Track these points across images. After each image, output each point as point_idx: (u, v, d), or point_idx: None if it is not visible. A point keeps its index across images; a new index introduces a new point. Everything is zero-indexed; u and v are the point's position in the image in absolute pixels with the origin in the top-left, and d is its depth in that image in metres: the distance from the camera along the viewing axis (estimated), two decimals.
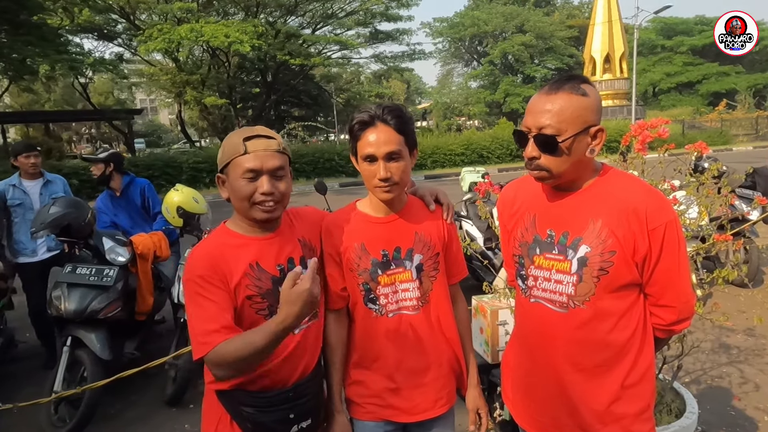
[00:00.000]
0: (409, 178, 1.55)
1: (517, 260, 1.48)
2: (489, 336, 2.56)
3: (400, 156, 1.45)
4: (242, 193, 1.39)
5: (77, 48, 19.21)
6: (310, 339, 1.52)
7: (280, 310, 1.20)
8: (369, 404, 1.58)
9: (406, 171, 1.48)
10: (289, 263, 1.46)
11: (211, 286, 1.34)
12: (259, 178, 1.38)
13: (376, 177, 1.44)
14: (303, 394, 1.48)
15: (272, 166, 1.39)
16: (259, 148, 1.38)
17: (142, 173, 14.77)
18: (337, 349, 1.60)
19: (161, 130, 51.86)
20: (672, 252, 1.29)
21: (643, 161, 2.37)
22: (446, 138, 22.83)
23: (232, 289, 1.37)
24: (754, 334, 4.07)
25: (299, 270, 1.21)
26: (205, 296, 1.33)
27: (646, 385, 1.38)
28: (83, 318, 3.17)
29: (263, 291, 1.41)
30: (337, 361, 1.60)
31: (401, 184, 1.48)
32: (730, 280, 2.42)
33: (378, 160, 1.43)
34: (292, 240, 1.51)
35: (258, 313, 1.41)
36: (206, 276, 1.35)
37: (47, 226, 3.19)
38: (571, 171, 1.32)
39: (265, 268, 1.43)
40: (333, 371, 1.61)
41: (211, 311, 1.31)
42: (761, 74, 38.67)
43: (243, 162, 1.38)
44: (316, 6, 24.30)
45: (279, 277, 1.43)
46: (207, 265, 1.36)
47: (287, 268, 1.45)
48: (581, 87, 1.28)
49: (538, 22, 37.85)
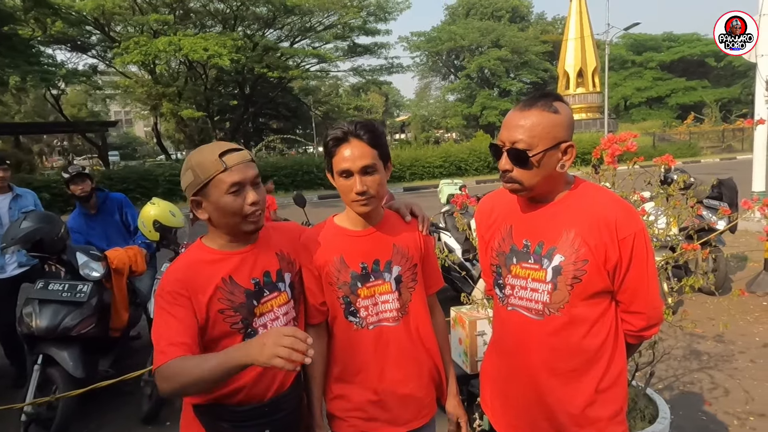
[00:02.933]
0: (386, 190, 1.57)
1: (495, 270, 1.52)
2: (468, 346, 2.59)
3: (375, 169, 1.47)
4: (232, 208, 1.39)
5: (49, 59, 18.86)
6: None
7: (251, 344, 1.16)
8: (352, 418, 1.59)
9: (382, 184, 1.50)
10: (264, 276, 1.47)
11: (177, 304, 1.36)
12: (243, 190, 1.40)
13: (353, 191, 1.46)
14: (279, 409, 1.48)
15: (252, 176, 1.41)
16: (237, 162, 1.39)
17: (117, 186, 14.53)
18: (316, 364, 1.59)
19: (136, 142, 51.09)
20: (641, 260, 1.35)
21: (614, 173, 2.45)
22: (424, 150, 23.06)
23: (204, 304, 1.38)
24: (723, 340, 4.19)
25: (310, 341, 1.11)
26: (171, 313, 1.35)
27: (619, 389, 1.43)
28: (55, 335, 3.09)
29: (235, 304, 1.42)
30: (317, 376, 1.60)
31: (378, 197, 1.50)
32: (698, 287, 2.50)
33: (354, 174, 1.45)
34: (269, 253, 1.52)
35: (232, 327, 1.42)
36: (174, 293, 1.37)
37: (18, 241, 3.11)
38: (543, 184, 1.37)
39: (239, 281, 1.43)
40: (313, 386, 1.61)
41: (174, 328, 1.33)
42: (726, 89, 40.17)
43: (226, 178, 1.37)
44: (295, 19, 24.42)
45: (253, 290, 1.44)
46: (177, 282, 1.38)
47: (263, 281, 1.46)
48: (553, 104, 1.33)
49: (513, 38, 38.68)
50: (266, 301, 1.47)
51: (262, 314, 1.46)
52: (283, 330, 1.12)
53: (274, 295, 1.49)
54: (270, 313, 1.48)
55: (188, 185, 1.42)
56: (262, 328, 1.45)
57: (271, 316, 1.48)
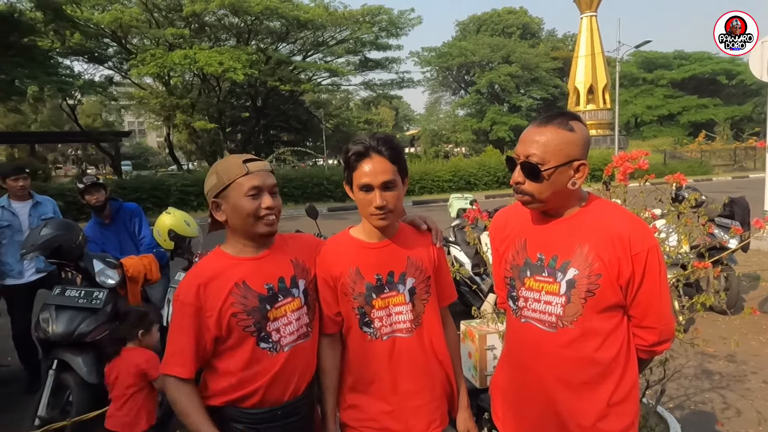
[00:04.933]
0: (402, 205, 1.61)
1: (508, 282, 1.54)
2: (477, 360, 2.60)
3: (395, 185, 1.52)
4: (247, 209, 1.49)
5: (67, 70, 19.24)
6: (301, 358, 1.56)
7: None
8: (365, 428, 1.61)
9: (400, 199, 1.55)
10: (279, 282, 1.54)
11: (187, 314, 1.46)
12: (261, 195, 1.50)
13: (372, 205, 1.49)
14: (293, 414, 1.54)
15: (271, 184, 1.53)
16: (258, 168, 1.52)
17: (130, 195, 14.69)
18: (331, 374, 1.63)
19: (149, 152, 51.69)
20: (653, 276, 1.37)
21: (625, 190, 2.47)
22: (434, 164, 23.09)
23: (217, 310, 1.46)
24: (735, 360, 4.15)
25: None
26: (179, 322, 1.48)
27: (631, 403, 1.44)
28: (71, 341, 3.13)
29: (248, 308, 1.48)
30: (331, 386, 1.64)
31: (395, 212, 1.54)
32: (709, 305, 2.50)
33: (374, 189, 1.49)
34: (285, 260, 1.58)
35: (245, 330, 1.48)
36: (184, 302, 1.47)
37: (38, 247, 3.18)
38: (554, 198, 1.41)
39: (252, 286, 1.50)
40: (327, 395, 1.64)
41: (182, 341, 1.47)
42: (738, 107, 39.96)
43: (246, 182, 1.49)
44: (307, 34, 24.72)
45: (267, 295, 1.51)
46: (190, 292, 1.47)
47: (277, 287, 1.53)
48: (569, 123, 1.37)
49: (524, 54, 38.85)
50: (280, 306, 1.53)
51: (276, 319, 1.52)
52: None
53: (288, 300, 1.55)
54: (283, 318, 1.53)
55: (211, 188, 1.54)
56: (275, 332, 1.51)
57: (285, 321, 1.53)
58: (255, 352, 1.49)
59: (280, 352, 1.51)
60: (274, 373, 1.49)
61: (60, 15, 14.92)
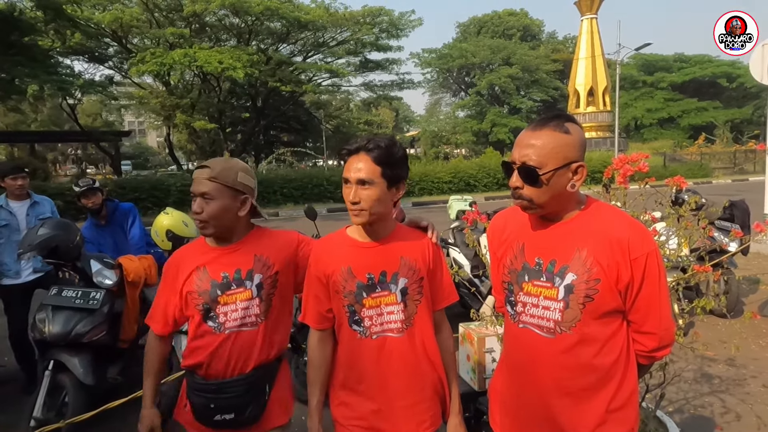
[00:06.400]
0: (386, 209, 1.59)
1: (506, 287, 1.52)
2: (476, 363, 2.59)
3: (371, 185, 1.53)
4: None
5: (67, 69, 19.25)
6: (242, 343, 1.71)
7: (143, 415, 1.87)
8: (353, 426, 1.62)
9: (380, 200, 1.54)
10: (235, 273, 1.72)
11: (165, 280, 1.79)
12: (195, 199, 1.71)
13: (348, 199, 1.56)
14: (225, 391, 1.70)
15: (199, 191, 1.69)
16: (196, 175, 1.71)
17: (129, 195, 14.70)
18: (318, 369, 1.67)
19: (149, 152, 51.73)
20: (653, 281, 1.35)
21: (625, 193, 2.46)
22: (434, 166, 23.10)
23: (181, 283, 1.73)
24: (735, 364, 4.14)
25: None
26: (162, 286, 1.80)
27: (630, 409, 1.42)
28: (67, 341, 3.12)
29: (201, 290, 1.71)
30: (318, 381, 1.67)
31: (370, 212, 1.54)
32: (709, 309, 2.48)
33: (351, 184, 1.54)
34: (248, 255, 1.74)
35: (195, 307, 1.72)
36: (166, 269, 1.80)
37: (35, 247, 3.16)
38: (553, 202, 1.39)
39: (209, 272, 1.72)
40: (313, 389, 1.67)
41: (161, 302, 1.80)
42: (738, 110, 39.99)
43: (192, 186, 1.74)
44: (308, 35, 24.74)
45: (220, 282, 1.72)
46: (172, 263, 1.80)
47: (232, 277, 1.72)
48: (565, 125, 1.35)
49: (524, 56, 38.88)
50: (231, 294, 1.71)
51: (225, 304, 1.71)
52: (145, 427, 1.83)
53: (239, 290, 1.72)
54: (232, 305, 1.71)
55: None
56: (222, 315, 1.71)
57: (233, 308, 1.71)
58: (200, 327, 1.72)
59: (222, 333, 1.70)
60: (213, 349, 1.69)
61: (60, 14, 14.95)
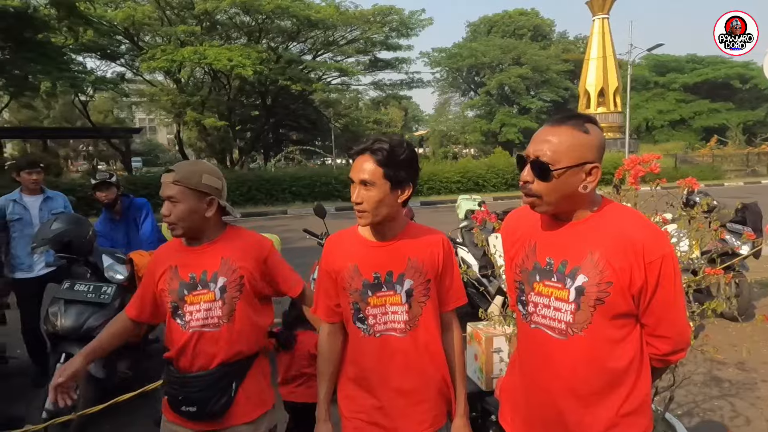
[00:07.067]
0: (390, 210, 1.58)
1: (518, 286, 1.51)
2: (483, 363, 2.58)
3: (373, 186, 1.54)
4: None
5: (80, 66, 19.44)
6: (204, 343, 1.75)
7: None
8: (356, 419, 1.65)
9: (382, 202, 1.54)
10: (202, 274, 1.77)
11: (146, 274, 1.88)
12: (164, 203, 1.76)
13: (352, 199, 1.57)
14: (188, 385, 1.76)
15: (165, 194, 1.74)
16: (162, 179, 1.77)
17: (140, 191, 14.77)
18: (327, 361, 1.71)
19: (159, 149, 52.02)
20: (668, 284, 1.31)
21: (636, 194, 2.45)
22: (442, 165, 23.08)
23: (156, 278, 1.81)
24: (746, 368, 4.10)
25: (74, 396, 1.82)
26: (143, 280, 1.90)
27: (642, 415, 1.39)
28: (79, 335, 3.16)
29: (170, 288, 1.78)
30: (326, 372, 1.71)
31: (372, 214, 1.55)
32: (719, 312, 2.46)
33: (355, 184, 1.56)
34: (216, 257, 1.78)
35: (166, 304, 1.80)
36: (149, 266, 1.89)
37: (48, 241, 3.21)
38: (563, 202, 1.36)
39: (180, 272, 1.77)
40: (321, 381, 1.72)
41: (140, 292, 1.90)
42: (751, 111, 39.51)
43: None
44: (318, 33, 24.77)
45: (188, 282, 1.78)
46: (152, 259, 1.89)
47: (198, 278, 1.77)
48: (585, 125, 1.33)
49: (534, 56, 38.64)
50: (197, 294, 1.76)
51: (192, 303, 1.76)
52: (61, 377, 1.73)
53: (204, 291, 1.77)
54: (197, 305, 1.76)
55: None
56: (188, 314, 1.76)
57: (197, 308, 1.76)
58: (170, 323, 1.80)
59: (187, 331, 1.76)
60: (180, 345, 1.76)
61: (73, 12, 15.06)
